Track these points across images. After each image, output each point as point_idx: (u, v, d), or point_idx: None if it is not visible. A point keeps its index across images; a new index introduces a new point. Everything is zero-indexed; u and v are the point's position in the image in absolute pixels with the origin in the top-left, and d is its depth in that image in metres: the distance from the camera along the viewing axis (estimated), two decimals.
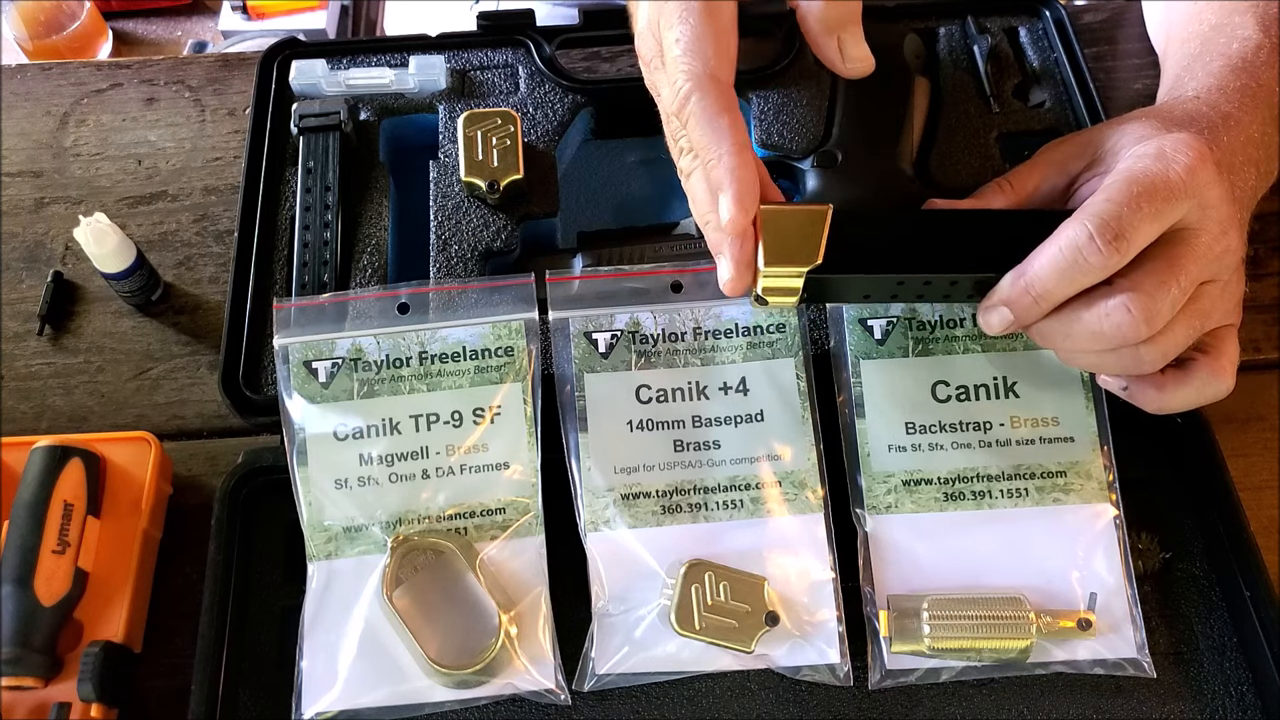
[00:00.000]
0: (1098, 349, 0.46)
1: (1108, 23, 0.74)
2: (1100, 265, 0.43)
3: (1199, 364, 0.47)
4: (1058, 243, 0.44)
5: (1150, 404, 0.49)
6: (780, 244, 0.46)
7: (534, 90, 0.65)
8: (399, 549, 0.50)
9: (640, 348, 0.53)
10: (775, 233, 0.47)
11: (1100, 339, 0.45)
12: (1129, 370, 0.48)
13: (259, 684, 0.51)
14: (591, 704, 0.50)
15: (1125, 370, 0.48)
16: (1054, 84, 0.65)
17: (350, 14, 1.72)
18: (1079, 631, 0.49)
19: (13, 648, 0.48)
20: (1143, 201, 0.43)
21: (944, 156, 0.61)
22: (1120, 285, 0.44)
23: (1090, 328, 0.45)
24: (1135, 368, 0.47)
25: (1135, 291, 0.44)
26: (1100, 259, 0.43)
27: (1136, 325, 0.44)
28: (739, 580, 0.49)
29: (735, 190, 0.46)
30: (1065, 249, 0.44)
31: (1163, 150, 0.45)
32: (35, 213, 0.68)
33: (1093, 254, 0.43)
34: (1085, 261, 0.43)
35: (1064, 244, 0.44)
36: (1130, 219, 0.43)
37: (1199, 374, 0.47)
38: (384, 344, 0.53)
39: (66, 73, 0.74)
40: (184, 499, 0.57)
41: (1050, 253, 0.44)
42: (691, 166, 0.49)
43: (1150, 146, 0.46)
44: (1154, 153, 0.45)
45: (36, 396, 0.61)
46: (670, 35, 0.49)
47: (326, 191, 0.60)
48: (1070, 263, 0.44)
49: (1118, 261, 0.43)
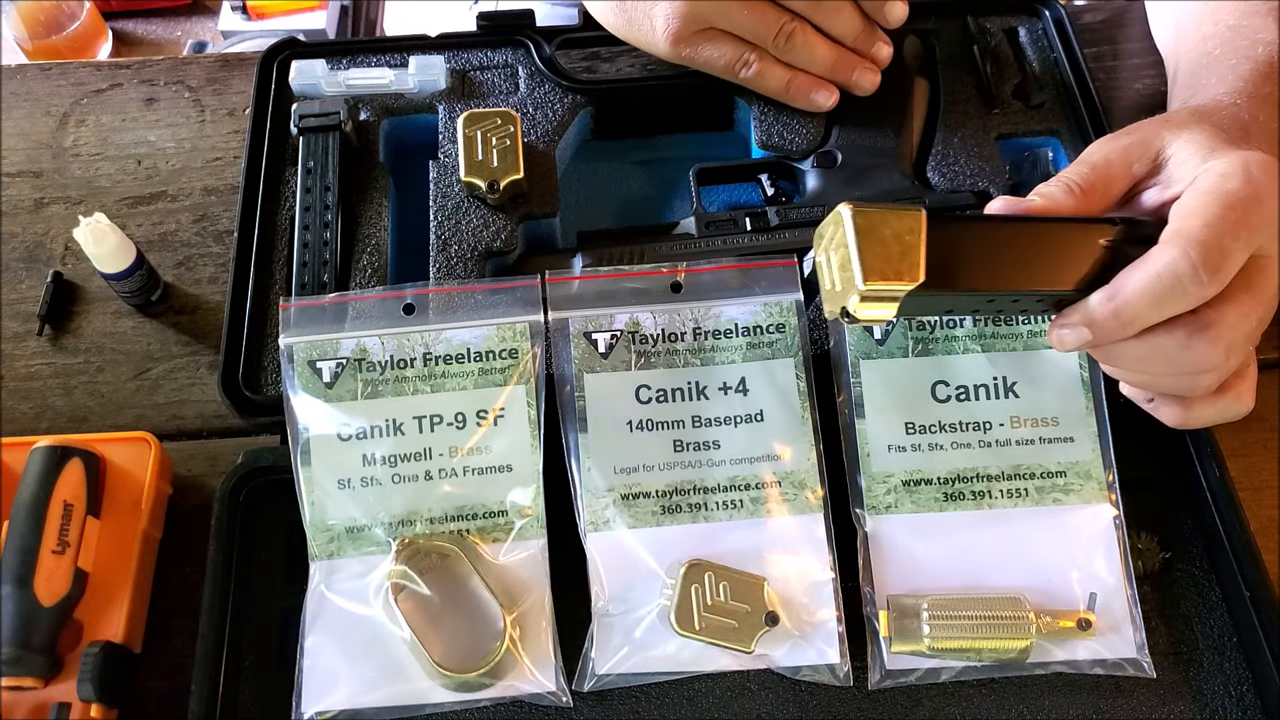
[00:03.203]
0: (1166, 374, 0.45)
1: (1108, 23, 0.74)
2: (1198, 295, 0.42)
3: (1227, 385, 0.46)
4: (1154, 268, 0.42)
5: (1173, 419, 0.49)
6: (878, 253, 0.41)
7: (534, 90, 0.65)
8: (404, 552, 0.50)
9: (640, 348, 0.53)
10: (872, 239, 0.41)
11: (1174, 366, 0.44)
12: (1182, 393, 0.47)
13: (259, 684, 0.51)
14: (591, 704, 0.50)
15: (1178, 392, 0.47)
16: (1054, 84, 0.65)
17: (350, 14, 1.72)
18: (1079, 631, 0.49)
19: (13, 648, 0.48)
20: (1240, 229, 0.42)
21: (944, 156, 0.61)
22: (1206, 316, 0.42)
23: (1168, 355, 0.44)
24: (1189, 391, 0.46)
25: (1220, 324, 0.42)
26: (1200, 290, 0.41)
27: (1216, 357, 0.43)
28: (739, 580, 0.49)
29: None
30: (1164, 276, 0.41)
31: (1249, 171, 0.43)
32: (35, 213, 0.68)
33: (1194, 284, 0.41)
34: (1184, 291, 0.41)
35: (1162, 271, 0.41)
36: (1230, 246, 0.41)
37: (1226, 395, 0.47)
38: (388, 344, 0.53)
39: (66, 73, 0.74)
40: (184, 499, 0.57)
41: (1146, 278, 0.42)
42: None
43: (1233, 164, 0.43)
44: (1240, 172, 0.43)
45: (36, 397, 0.61)
46: None
47: (326, 191, 0.60)
48: (1168, 291, 0.41)
49: (1214, 291, 0.42)
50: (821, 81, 0.61)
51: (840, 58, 0.61)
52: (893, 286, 0.41)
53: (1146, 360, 0.45)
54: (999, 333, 0.53)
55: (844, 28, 0.61)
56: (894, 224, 0.41)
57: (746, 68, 0.60)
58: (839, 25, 0.60)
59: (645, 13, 0.61)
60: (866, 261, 0.41)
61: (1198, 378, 0.45)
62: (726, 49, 0.60)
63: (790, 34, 0.60)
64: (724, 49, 0.60)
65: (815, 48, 0.60)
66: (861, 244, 0.41)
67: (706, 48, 0.60)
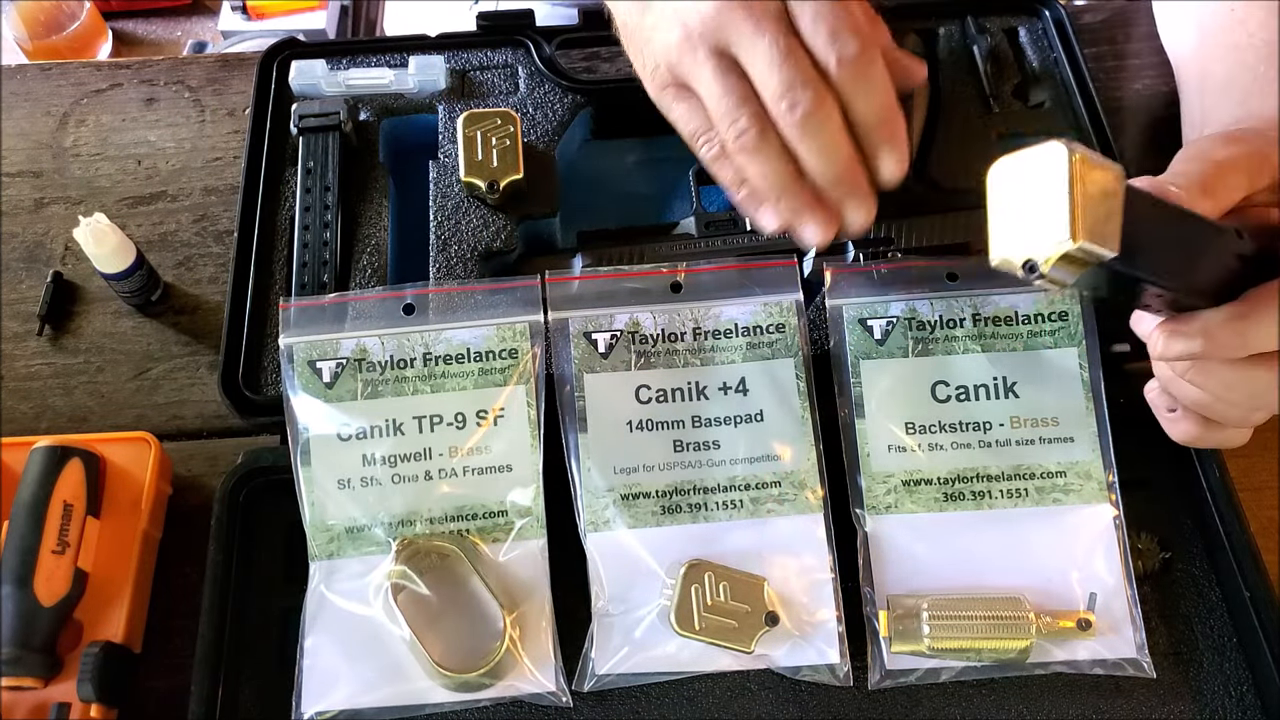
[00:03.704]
0: (1239, 404, 0.45)
1: (1108, 23, 0.74)
2: None
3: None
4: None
5: (1185, 436, 0.49)
6: (1089, 209, 0.35)
7: (534, 90, 0.65)
8: (404, 552, 0.50)
9: (640, 348, 0.53)
10: (1088, 191, 0.35)
11: (1255, 399, 0.44)
12: (1232, 423, 0.47)
13: (259, 684, 0.51)
14: (591, 704, 0.50)
15: (1228, 421, 0.47)
16: (1054, 84, 0.65)
17: (350, 14, 1.72)
18: (1079, 632, 0.49)
19: (12, 648, 0.48)
20: None
21: (944, 156, 0.61)
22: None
23: (1257, 388, 0.43)
24: (1240, 422, 0.47)
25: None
26: None
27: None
28: (739, 580, 0.49)
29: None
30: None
31: None
32: (35, 213, 0.68)
33: None
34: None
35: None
36: None
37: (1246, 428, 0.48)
38: (388, 345, 0.53)
39: (66, 73, 0.74)
40: (184, 499, 0.57)
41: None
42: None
43: None
44: None
45: (36, 397, 0.61)
46: None
47: (326, 192, 0.60)
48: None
49: None
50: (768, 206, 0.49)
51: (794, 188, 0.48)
52: (1096, 250, 0.36)
53: (1233, 387, 0.44)
54: (999, 333, 0.53)
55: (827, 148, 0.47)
56: (1102, 179, 0.36)
57: (708, 146, 0.50)
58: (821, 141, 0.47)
59: (639, 46, 0.52)
60: (1083, 216, 0.35)
61: (1258, 414, 0.45)
62: (694, 118, 0.50)
63: (742, 132, 0.47)
64: (692, 117, 0.50)
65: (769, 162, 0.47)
66: (1078, 194, 0.35)
67: (678, 107, 0.51)
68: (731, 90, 0.47)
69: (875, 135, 0.47)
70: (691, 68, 0.48)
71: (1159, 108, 0.68)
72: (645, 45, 0.51)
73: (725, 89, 0.47)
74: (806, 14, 0.46)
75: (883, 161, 0.48)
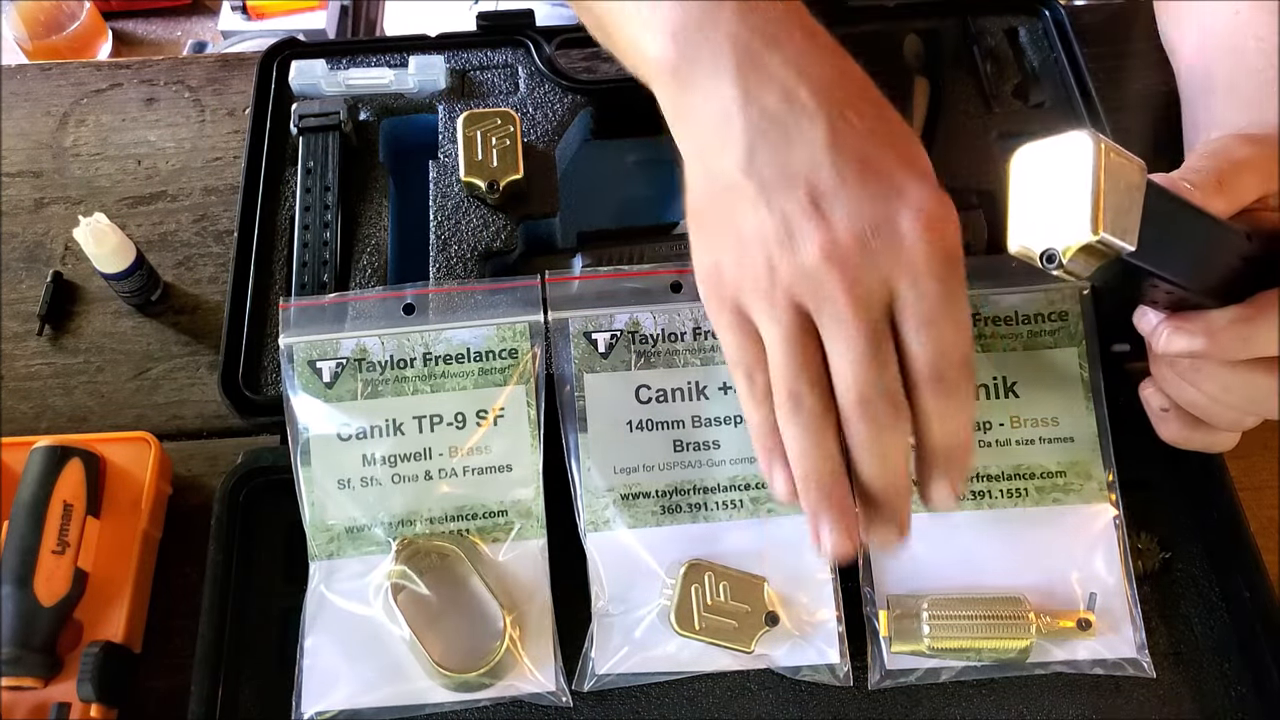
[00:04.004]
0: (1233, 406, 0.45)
1: (1108, 23, 0.74)
2: None
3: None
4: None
5: (1175, 436, 0.49)
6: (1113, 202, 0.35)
7: (534, 90, 0.65)
8: (404, 552, 0.50)
9: (640, 348, 0.53)
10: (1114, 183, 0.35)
11: (1251, 403, 0.44)
12: (1224, 425, 0.47)
13: (259, 684, 0.51)
14: (591, 704, 0.50)
15: (1221, 424, 0.47)
16: (1054, 84, 0.65)
17: (350, 14, 1.72)
18: (1079, 631, 0.49)
19: (12, 648, 0.48)
20: None
21: (944, 156, 0.61)
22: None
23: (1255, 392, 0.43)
24: (1232, 426, 0.47)
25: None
26: None
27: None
28: (739, 580, 0.49)
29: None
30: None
31: None
32: (35, 213, 0.68)
33: None
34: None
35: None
36: None
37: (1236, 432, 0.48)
38: (388, 344, 0.53)
39: (66, 73, 0.74)
40: (184, 499, 0.57)
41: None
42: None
43: None
44: None
45: (36, 397, 0.61)
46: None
47: (326, 192, 0.60)
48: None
49: None
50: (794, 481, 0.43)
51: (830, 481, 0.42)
52: (1116, 243, 0.36)
53: (1231, 389, 0.44)
54: (998, 332, 0.53)
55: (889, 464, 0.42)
56: (1126, 171, 0.36)
57: (751, 388, 0.44)
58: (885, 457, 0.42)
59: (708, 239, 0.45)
60: (1105, 208, 0.35)
61: (1251, 418, 0.45)
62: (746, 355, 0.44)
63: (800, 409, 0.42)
64: (743, 353, 0.44)
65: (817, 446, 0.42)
66: (1103, 185, 0.35)
67: (732, 335, 0.44)
68: (804, 366, 0.42)
69: (943, 461, 0.43)
70: (765, 313, 0.42)
71: (1159, 108, 0.68)
72: (715, 245, 0.44)
73: (797, 361, 0.42)
74: (913, 318, 0.41)
75: (937, 486, 0.43)
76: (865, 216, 0.40)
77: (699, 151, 0.45)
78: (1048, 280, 0.53)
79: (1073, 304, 0.53)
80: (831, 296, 0.41)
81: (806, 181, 0.41)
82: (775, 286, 0.42)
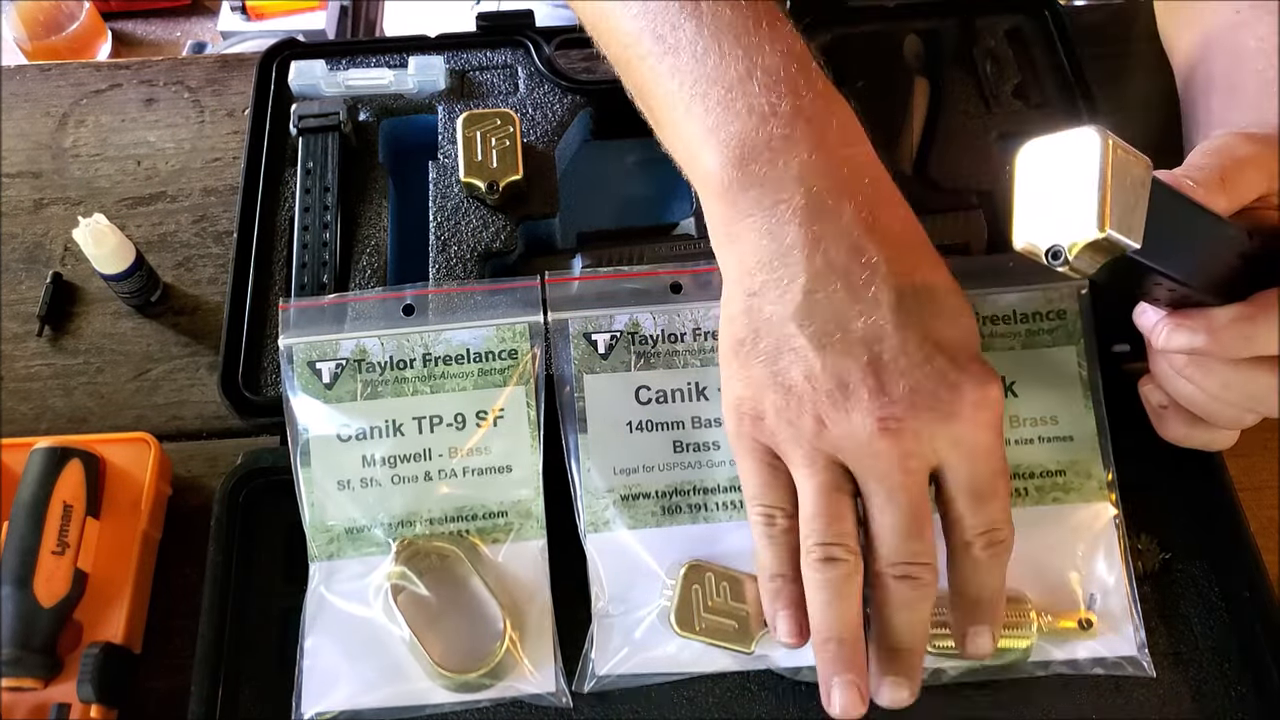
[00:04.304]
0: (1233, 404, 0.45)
1: (1108, 23, 0.74)
2: None
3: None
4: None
5: (1174, 434, 0.49)
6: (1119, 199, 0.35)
7: (533, 91, 0.65)
8: (404, 553, 0.50)
9: (640, 348, 0.53)
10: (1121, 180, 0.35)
11: (1251, 400, 0.44)
12: (1223, 423, 0.47)
13: (259, 684, 0.51)
14: (591, 704, 0.50)
15: (1220, 422, 0.47)
16: (1054, 84, 0.65)
17: (350, 14, 1.73)
18: (1080, 632, 0.49)
19: (12, 649, 0.48)
20: None
21: (944, 156, 0.61)
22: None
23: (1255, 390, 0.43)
24: (1231, 424, 0.47)
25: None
26: None
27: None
28: (739, 581, 0.49)
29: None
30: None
31: None
32: (34, 213, 0.68)
33: None
34: None
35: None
36: None
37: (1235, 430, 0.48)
38: (388, 345, 0.53)
39: (66, 73, 0.74)
40: (184, 500, 0.57)
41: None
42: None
43: None
44: None
45: (36, 397, 0.61)
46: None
47: (326, 192, 0.60)
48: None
49: None
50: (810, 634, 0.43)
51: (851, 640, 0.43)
52: (1121, 240, 0.36)
53: (1231, 386, 0.44)
54: (996, 331, 0.53)
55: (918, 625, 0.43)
56: (1135, 169, 0.36)
57: (769, 527, 0.44)
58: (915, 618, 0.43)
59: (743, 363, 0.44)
60: (1112, 205, 0.35)
61: (1250, 416, 0.45)
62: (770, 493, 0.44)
63: (831, 563, 0.42)
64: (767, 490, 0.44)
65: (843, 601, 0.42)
66: (1110, 182, 0.35)
67: (753, 466, 0.44)
68: (841, 523, 0.42)
69: (987, 613, 0.44)
70: (804, 464, 0.42)
71: (1159, 108, 0.68)
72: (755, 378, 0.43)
73: (833, 517, 0.42)
74: (967, 493, 0.42)
75: (980, 635, 0.44)
76: (926, 395, 0.41)
77: (744, 280, 0.44)
78: (1046, 278, 0.53)
79: (1071, 302, 0.53)
80: (885, 470, 0.41)
81: (867, 346, 0.41)
82: (821, 443, 0.42)
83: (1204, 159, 0.44)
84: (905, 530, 0.42)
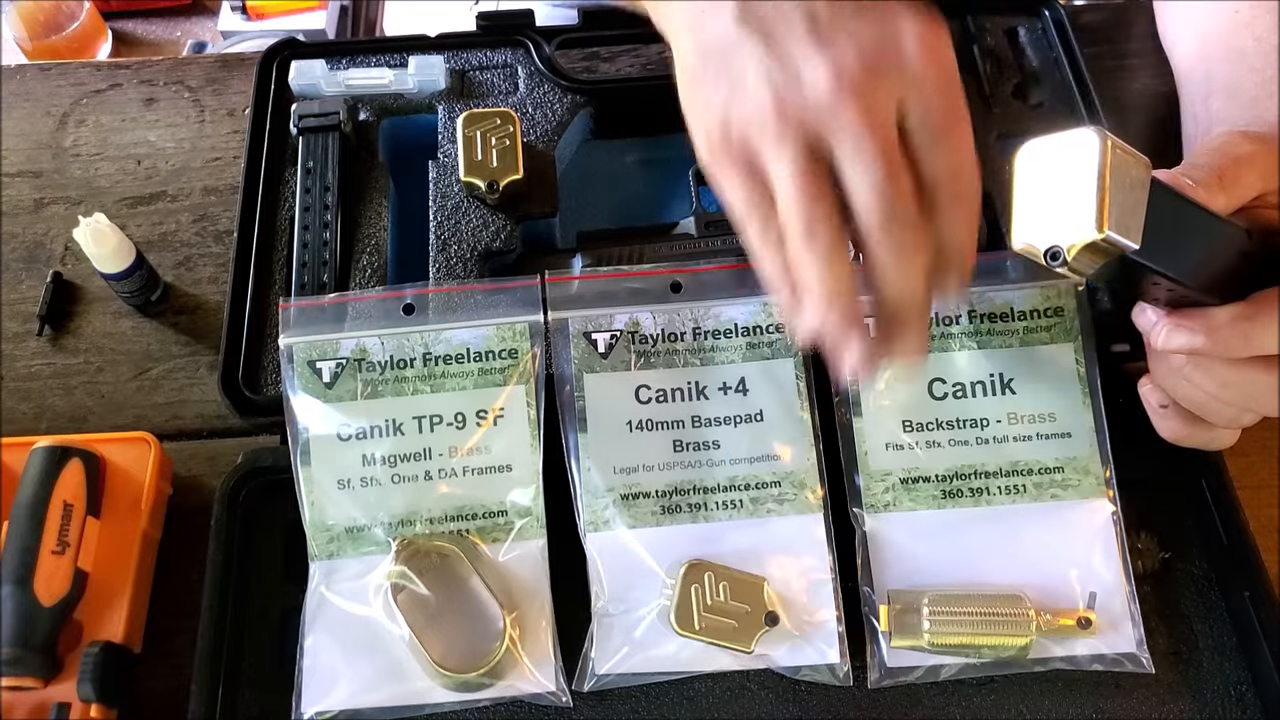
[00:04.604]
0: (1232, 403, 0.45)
1: (1108, 23, 0.74)
2: None
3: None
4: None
5: (1174, 433, 0.49)
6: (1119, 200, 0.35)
7: (533, 90, 0.65)
8: (404, 552, 0.50)
9: (640, 348, 0.53)
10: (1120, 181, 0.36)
11: (1250, 400, 0.44)
12: (1222, 423, 0.47)
13: (259, 684, 0.51)
14: (591, 704, 0.50)
15: (1219, 421, 0.47)
16: (1053, 84, 0.65)
17: (350, 14, 1.73)
18: (1079, 630, 0.49)
19: (12, 648, 0.48)
20: None
21: None
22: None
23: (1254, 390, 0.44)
24: (1231, 423, 0.47)
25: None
26: None
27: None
28: (739, 580, 0.49)
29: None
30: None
31: None
32: (35, 213, 0.68)
33: None
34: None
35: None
36: None
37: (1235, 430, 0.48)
38: (388, 345, 0.53)
39: (66, 73, 0.74)
40: (184, 499, 0.57)
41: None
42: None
43: None
44: None
45: (36, 397, 0.61)
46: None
47: (326, 192, 0.60)
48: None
49: None
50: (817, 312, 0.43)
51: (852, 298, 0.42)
52: (1120, 241, 0.36)
53: (1230, 386, 0.44)
54: (995, 329, 0.53)
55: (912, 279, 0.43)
56: (1134, 170, 0.36)
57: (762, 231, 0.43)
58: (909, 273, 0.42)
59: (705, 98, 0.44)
60: (1111, 206, 0.35)
61: (1249, 415, 0.45)
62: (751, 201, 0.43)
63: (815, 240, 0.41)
64: (750, 200, 0.43)
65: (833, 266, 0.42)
66: (1112, 183, 0.35)
67: (736, 185, 0.43)
68: (818, 198, 0.41)
69: (956, 262, 0.44)
70: (774, 150, 0.42)
71: (1159, 108, 0.68)
72: (715, 99, 0.44)
73: (810, 194, 0.41)
74: (926, 133, 0.42)
75: (950, 279, 0.44)
76: (868, 41, 0.41)
77: (689, 24, 0.45)
78: (1044, 276, 0.53)
79: (1068, 300, 0.53)
80: (847, 124, 0.41)
81: (804, 14, 0.42)
82: (785, 122, 0.41)
83: (1202, 158, 0.44)
84: (880, 181, 0.41)
